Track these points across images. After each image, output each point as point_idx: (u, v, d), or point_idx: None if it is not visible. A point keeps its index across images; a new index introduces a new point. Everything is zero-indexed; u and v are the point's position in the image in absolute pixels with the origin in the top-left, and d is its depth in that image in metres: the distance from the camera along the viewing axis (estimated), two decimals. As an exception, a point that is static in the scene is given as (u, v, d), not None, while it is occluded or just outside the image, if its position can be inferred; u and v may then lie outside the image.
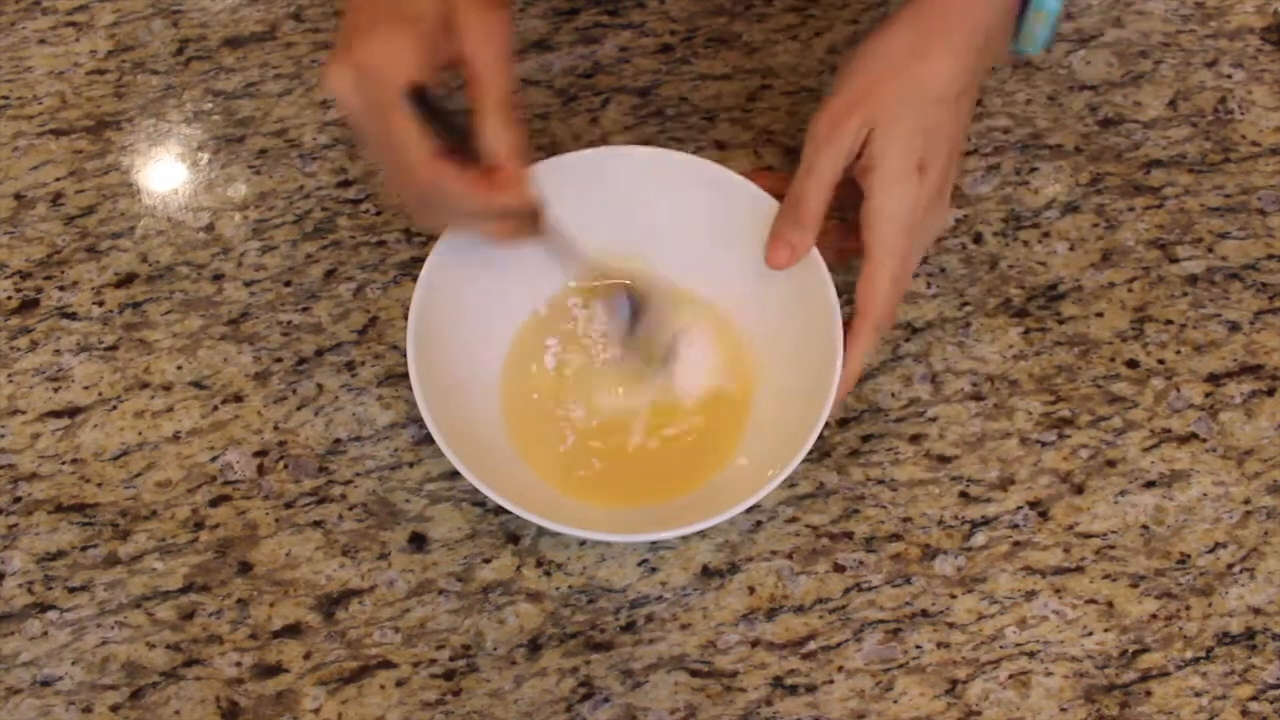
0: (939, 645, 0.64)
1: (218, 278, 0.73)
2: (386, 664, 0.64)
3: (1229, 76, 0.80)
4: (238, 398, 0.70)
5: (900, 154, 0.62)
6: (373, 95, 0.55)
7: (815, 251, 0.65)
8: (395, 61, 0.55)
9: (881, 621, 0.65)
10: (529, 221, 0.62)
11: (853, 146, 0.62)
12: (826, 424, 0.69)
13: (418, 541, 0.67)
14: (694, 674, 0.64)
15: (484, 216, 0.60)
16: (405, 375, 0.70)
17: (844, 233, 0.66)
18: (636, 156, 0.69)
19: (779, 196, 0.66)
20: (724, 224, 0.68)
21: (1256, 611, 0.65)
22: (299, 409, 0.70)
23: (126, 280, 0.73)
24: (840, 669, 0.64)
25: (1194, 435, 0.70)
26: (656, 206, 0.69)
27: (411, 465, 0.68)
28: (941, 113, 0.63)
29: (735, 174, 0.67)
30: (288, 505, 0.67)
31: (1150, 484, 0.68)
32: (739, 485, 0.62)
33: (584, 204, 0.67)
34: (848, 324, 0.64)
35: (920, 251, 0.65)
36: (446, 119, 0.56)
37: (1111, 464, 0.69)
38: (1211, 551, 0.67)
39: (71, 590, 0.65)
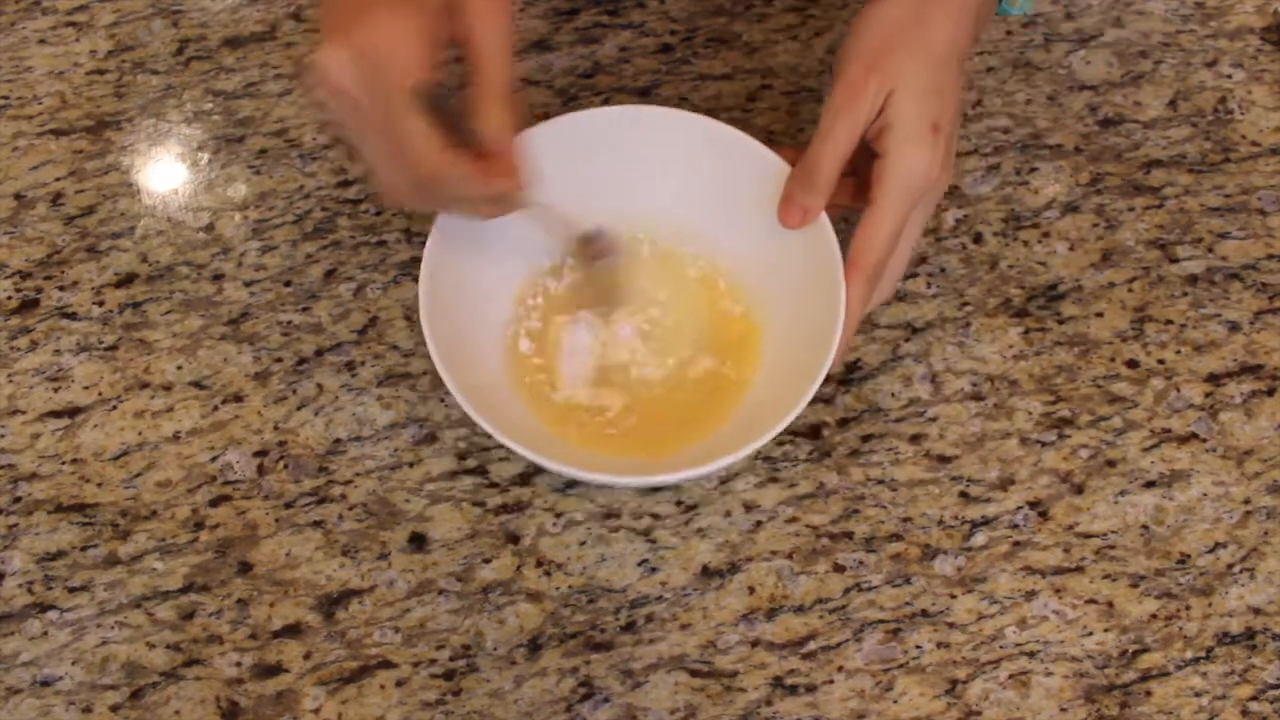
0: (939, 645, 0.64)
1: (218, 278, 0.73)
2: (386, 664, 0.64)
3: (1229, 76, 0.80)
4: (238, 398, 0.70)
5: (916, 115, 0.62)
6: (376, 85, 0.54)
7: (824, 214, 0.66)
8: (402, 52, 0.53)
9: (881, 621, 0.65)
10: (517, 198, 0.62)
11: (871, 111, 0.62)
12: (826, 424, 0.69)
13: (418, 541, 0.66)
14: (694, 674, 0.64)
15: (481, 201, 0.61)
16: (405, 375, 0.70)
17: (855, 190, 0.66)
18: (644, 115, 0.69)
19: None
20: (729, 182, 0.69)
21: (1256, 611, 0.65)
22: (299, 409, 0.70)
23: (126, 280, 0.73)
24: (840, 669, 0.64)
25: (1194, 435, 0.70)
26: (664, 166, 0.70)
27: (411, 465, 0.68)
28: (948, 76, 0.63)
29: (741, 132, 0.68)
30: (288, 505, 0.67)
31: (1150, 484, 0.68)
32: (741, 434, 0.63)
33: (591, 164, 0.68)
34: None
35: (925, 215, 0.65)
36: (443, 107, 0.55)
37: (1111, 464, 0.69)
38: (1211, 551, 0.67)
39: (71, 590, 0.65)
